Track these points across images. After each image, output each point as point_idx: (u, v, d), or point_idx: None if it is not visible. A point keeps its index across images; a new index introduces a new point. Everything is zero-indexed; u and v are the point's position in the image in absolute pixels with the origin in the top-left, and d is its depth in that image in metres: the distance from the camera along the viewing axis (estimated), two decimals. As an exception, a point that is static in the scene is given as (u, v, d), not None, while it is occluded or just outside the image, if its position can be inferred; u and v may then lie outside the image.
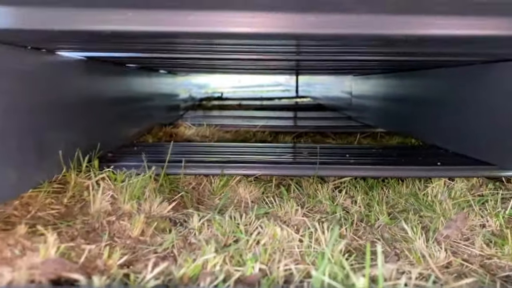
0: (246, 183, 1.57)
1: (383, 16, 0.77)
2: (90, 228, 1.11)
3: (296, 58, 1.72)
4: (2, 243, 0.81)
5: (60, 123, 1.35)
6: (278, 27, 0.80)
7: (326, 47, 1.25)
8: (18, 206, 1.10)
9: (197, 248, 1.05)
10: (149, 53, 1.52)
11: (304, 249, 1.06)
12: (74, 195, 1.28)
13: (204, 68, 2.73)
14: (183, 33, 0.82)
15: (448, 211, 1.39)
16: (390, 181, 1.67)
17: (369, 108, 3.28)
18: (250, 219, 1.22)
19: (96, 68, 1.69)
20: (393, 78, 2.75)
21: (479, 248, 1.17)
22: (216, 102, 5.58)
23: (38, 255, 0.80)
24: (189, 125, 2.96)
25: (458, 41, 0.90)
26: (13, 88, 1.06)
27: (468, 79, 1.79)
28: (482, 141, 1.69)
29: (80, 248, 0.96)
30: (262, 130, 2.94)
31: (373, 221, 1.35)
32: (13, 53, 1.07)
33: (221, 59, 1.75)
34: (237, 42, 1.13)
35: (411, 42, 0.92)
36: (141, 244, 1.07)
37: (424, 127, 2.22)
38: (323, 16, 0.75)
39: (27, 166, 1.15)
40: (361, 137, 2.74)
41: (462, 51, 1.15)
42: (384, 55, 1.47)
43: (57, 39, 0.98)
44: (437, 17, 0.77)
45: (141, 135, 2.44)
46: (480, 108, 1.70)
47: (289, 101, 6.18)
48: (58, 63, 1.33)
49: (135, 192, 1.31)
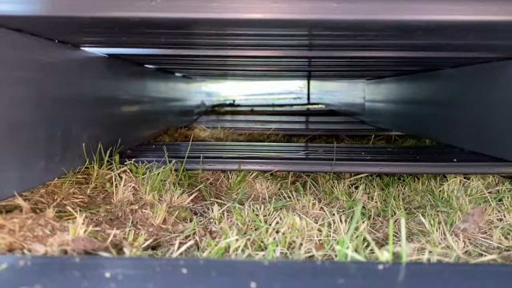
0: (262, 179, 1.59)
1: (401, 2, 0.79)
2: (113, 216, 1.13)
3: (308, 54, 1.73)
4: (33, 223, 0.84)
5: (84, 117, 1.39)
6: (296, 13, 0.82)
7: (339, 39, 1.26)
8: (44, 194, 1.13)
9: (218, 236, 1.07)
10: (168, 48, 1.55)
11: (323, 238, 1.08)
12: (96, 186, 1.31)
13: (217, 70, 2.77)
14: (207, 20, 0.85)
15: (465, 206, 1.39)
16: (406, 178, 1.67)
17: (382, 111, 3.29)
18: (269, 211, 1.24)
19: (117, 66, 1.73)
20: (406, 81, 2.76)
21: (497, 240, 1.17)
22: (229, 108, 5.62)
23: (68, 234, 0.82)
24: (203, 128, 3.00)
25: (479, 29, 0.91)
26: (41, 79, 1.10)
27: (483, 78, 1.79)
28: (498, 139, 1.69)
29: (105, 233, 0.99)
30: (276, 133, 2.96)
31: (390, 216, 1.35)
32: (41, 45, 1.11)
33: (234, 56, 1.77)
34: (252, 33, 1.15)
35: (429, 30, 0.93)
36: (163, 231, 1.09)
37: (438, 127, 2.22)
38: (343, 2, 0.78)
39: (53, 156, 1.18)
40: (375, 139, 2.75)
41: (481, 42, 1.16)
42: (399, 49, 1.48)
43: (84, 30, 1.02)
44: (455, 2, 0.79)
45: (157, 135, 2.48)
46: (495, 105, 1.71)
47: (301, 107, 6.20)
48: (82, 59, 1.37)
49: (156, 184, 1.33)
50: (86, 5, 0.82)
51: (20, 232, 0.80)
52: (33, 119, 1.08)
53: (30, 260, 0.62)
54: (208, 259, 0.70)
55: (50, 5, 0.82)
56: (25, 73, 1.03)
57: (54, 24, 0.94)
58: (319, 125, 3.41)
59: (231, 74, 3.63)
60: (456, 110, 2.01)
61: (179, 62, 2.20)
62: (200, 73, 3.32)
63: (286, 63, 2.29)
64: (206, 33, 1.15)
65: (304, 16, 0.83)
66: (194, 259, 0.72)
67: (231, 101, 6.55)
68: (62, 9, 0.82)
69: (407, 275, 0.57)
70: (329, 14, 0.81)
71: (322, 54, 1.69)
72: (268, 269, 0.59)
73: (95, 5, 0.81)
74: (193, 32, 1.12)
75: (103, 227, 1.01)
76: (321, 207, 1.36)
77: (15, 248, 0.75)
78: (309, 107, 6.10)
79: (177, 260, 0.61)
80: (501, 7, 0.80)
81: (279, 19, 0.84)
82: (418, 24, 0.86)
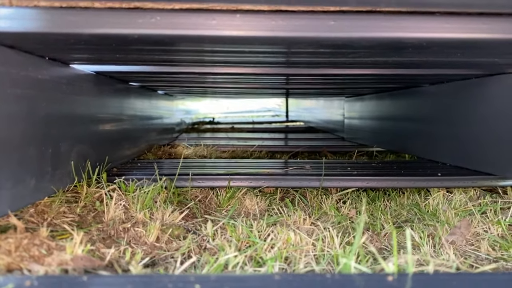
0: (252, 195, 1.60)
1: (397, 20, 0.82)
2: (106, 235, 1.11)
3: (286, 72, 1.76)
4: (29, 242, 0.82)
5: (73, 134, 1.37)
6: (295, 31, 0.84)
7: (318, 57, 1.28)
8: (34, 214, 1.11)
9: (214, 253, 1.07)
10: (154, 65, 1.56)
11: (318, 253, 1.08)
12: (86, 205, 1.28)
13: (198, 87, 2.77)
14: (207, 37, 0.86)
15: (451, 219, 1.42)
16: (391, 193, 1.70)
17: (362, 128, 3.35)
18: (262, 226, 1.24)
19: (103, 84, 1.72)
20: (385, 97, 2.82)
21: (486, 251, 1.20)
22: (209, 126, 5.62)
23: (65, 253, 0.81)
24: (186, 145, 2.99)
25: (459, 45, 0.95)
26: (32, 97, 1.09)
27: (462, 94, 1.86)
28: (478, 153, 1.75)
29: (100, 252, 0.97)
30: (259, 149, 2.97)
31: (379, 230, 1.37)
32: (32, 63, 1.10)
33: (215, 73, 1.78)
34: (238, 50, 1.16)
35: (419, 48, 0.96)
36: (157, 249, 1.08)
37: (419, 143, 2.28)
38: (339, 20, 0.80)
39: (44, 174, 1.16)
40: (357, 155, 2.79)
41: (464, 59, 1.20)
42: (379, 66, 1.52)
43: (77, 47, 1.01)
44: (449, 20, 0.82)
45: (140, 154, 2.46)
46: (474, 121, 1.77)
47: (280, 124, 6.25)
48: (71, 76, 1.36)
49: (146, 202, 1.32)
50: (83, 22, 0.81)
51: (16, 252, 0.78)
52: (25, 137, 1.06)
53: (36, 280, 0.60)
54: (220, 275, 0.70)
55: (50, 22, 0.82)
56: (17, 91, 1.01)
57: (50, 41, 0.93)
58: (301, 141, 3.44)
59: (210, 92, 3.64)
60: (436, 125, 2.07)
61: (162, 80, 2.20)
62: (181, 90, 3.33)
63: (265, 80, 2.31)
64: (196, 50, 1.16)
65: (302, 34, 0.85)
66: (205, 275, 0.71)
67: (210, 119, 6.55)
68: (61, 26, 0.82)
69: (415, 285, 0.58)
70: (326, 32, 0.83)
71: (300, 71, 1.71)
72: (280, 283, 0.59)
73: (92, 22, 0.81)
74: (182, 49, 1.12)
75: (97, 246, 0.99)
76: (312, 222, 1.37)
77: (13, 268, 0.73)
78: (288, 124, 6.16)
79: (188, 277, 0.60)
80: (492, 26, 0.84)
81: (277, 37, 0.85)
82: (411, 42, 0.89)
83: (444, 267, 0.92)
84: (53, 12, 0.83)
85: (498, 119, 1.64)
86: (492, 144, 1.67)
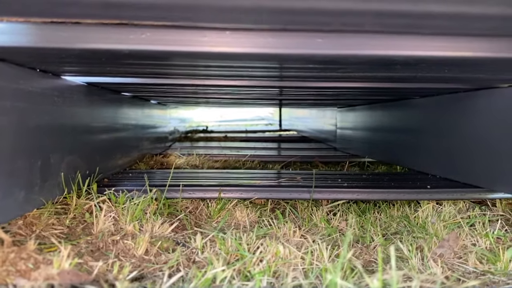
0: (242, 206, 1.60)
1: (385, 38, 0.83)
2: (94, 247, 1.11)
3: (279, 84, 1.78)
4: (16, 256, 0.82)
5: (63, 146, 1.37)
6: (285, 48, 0.85)
7: (311, 71, 1.30)
8: (22, 226, 1.10)
9: (202, 266, 1.07)
10: (146, 77, 1.56)
11: (307, 266, 1.09)
12: (75, 216, 1.28)
13: (191, 97, 2.78)
14: (198, 53, 0.87)
15: (439, 231, 1.43)
16: (381, 205, 1.72)
17: (354, 139, 3.37)
18: (251, 239, 1.24)
19: (95, 94, 1.73)
20: (377, 109, 2.84)
21: (473, 265, 1.21)
22: (202, 134, 5.62)
23: (52, 268, 0.80)
24: (178, 155, 2.99)
25: (447, 64, 0.97)
26: (23, 108, 1.09)
27: (451, 107, 1.88)
28: (469, 165, 1.76)
29: (88, 265, 0.97)
30: (251, 159, 2.98)
31: (368, 242, 1.38)
32: (24, 75, 1.10)
33: (208, 85, 1.79)
34: (234, 65, 1.18)
35: (407, 64, 0.98)
36: (146, 262, 1.08)
37: (410, 155, 2.29)
38: (327, 37, 0.81)
39: (33, 186, 1.16)
40: (348, 166, 2.81)
41: (452, 74, 1.22)
42: (370, 80, 1.54)
43: (69, 60, 1.02)
44: (437, 39, 0.84)
45: (132, 163, 2.45)
46: (463, 133, 1.79)
47: (273, 134, 6.26)
48: (62, 87, 1.36)
49: (136, 214, 1.32)
50: (74, 37, 0.82)
51: (2, 267, 0.77)
52: (15, 149, 1.06)
53: (22, 296, 0.60)
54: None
55: (41, 37, 0.82)
56: (8, 103, 1.02)
57: (41, 55, 0.93)
58: (293, 151, 3.46)
59: (204, 102, 3.65)
60: (426, 138, 2.09)
61: (155, 90, 2.21)
62: (174, 100, 3.33)
63: (259, 91, 2.32)
64: (188, 64, 1.17)
65: (291, 51, 0.86)
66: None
67: (204, 127, 6.55)
68: (52, 41, 0.82)
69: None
70: (315, 49, 0.84)
71: (293, 84, 1.73)
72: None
73: (83, 38, 0.82)
74: (174, 63, 1.14)
75: (85, 259, 0.99)
76: (301, 234, 1.38)
77: (-1, 283, 0.73)
78: (281, 134, 6.17)
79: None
80: (480, 44, 0.86)
81: (267, 54, 0.87)
82: (398, 59, 0.91)
83: (429, 283, 0.93)
84: (44, 27, 0.84)
85: (486, 132, 1.66)
86: (481, 156, 1.69)
